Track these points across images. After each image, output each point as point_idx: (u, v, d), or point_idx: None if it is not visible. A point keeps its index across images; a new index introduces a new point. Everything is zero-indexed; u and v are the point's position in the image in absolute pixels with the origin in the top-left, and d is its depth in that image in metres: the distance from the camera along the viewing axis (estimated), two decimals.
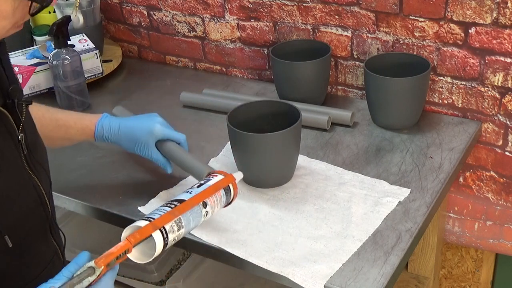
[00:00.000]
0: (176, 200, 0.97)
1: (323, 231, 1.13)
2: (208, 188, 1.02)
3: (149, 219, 0.90)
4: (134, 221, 1.20)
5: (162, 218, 0.91)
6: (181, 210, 0.95)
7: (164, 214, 0.92)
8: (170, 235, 0.91)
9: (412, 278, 1.65)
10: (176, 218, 0.93)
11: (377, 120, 1.45)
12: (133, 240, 0.85)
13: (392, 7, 1.43)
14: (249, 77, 1.75)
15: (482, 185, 1.50)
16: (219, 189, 1.04)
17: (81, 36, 1.74)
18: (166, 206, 0.95)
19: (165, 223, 0.91)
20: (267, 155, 1.21)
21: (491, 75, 1.38)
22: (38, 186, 0.94)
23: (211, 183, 1.04)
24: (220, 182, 1.05)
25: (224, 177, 1.06)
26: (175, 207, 0.94)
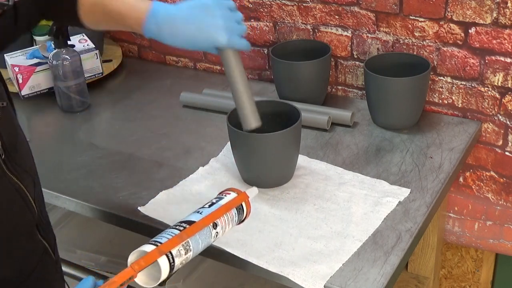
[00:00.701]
0: (185, 221, 0.94)
1: (323, 231, 1.13)
2: (219, 208, 0.98)
3: (155, 243, 0.88)
4: (134, 221, 1.21)
5: (169, 243, 0.88)
6: (189, 233, 0.91)
7: (172, 238, 0.89)
8: (177, 259, 0.89)
9: (412, 278, 1.65)
10: (183, 241, 0.90)
11: (377, 120, 1.45)
12: (137, 268, 0.84)
13: (392, 7, 1.43)
14: (249, 77, 1.75)
15: (482, 185, 1.50)
16: (231, 209, 1.00)
17: (81, 36, 1.74)
18: (174, 229, 0.92)
19: (171, 248, 0.88)
20: (267, 155, 1.21)
21: (491, 75, 1.38)
22: (21, 189, 0.91)
23: (222, 203, 1.00)
24: (232, 202, 1.01)
25: (237, 196, 1.02)
26: (183, 230, 0.91)
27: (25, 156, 0.97)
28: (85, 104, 1.64)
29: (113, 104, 1.69)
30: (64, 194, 1.31)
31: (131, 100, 1.69)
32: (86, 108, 1.64)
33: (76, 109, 1.62)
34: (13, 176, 0.90)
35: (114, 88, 1.77)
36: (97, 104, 1.67)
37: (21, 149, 0.96)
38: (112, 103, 1.69)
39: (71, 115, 1.62)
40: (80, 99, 1.62)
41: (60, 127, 1.61)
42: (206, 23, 1.04)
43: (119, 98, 1.71)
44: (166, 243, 0.88)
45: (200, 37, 1.04)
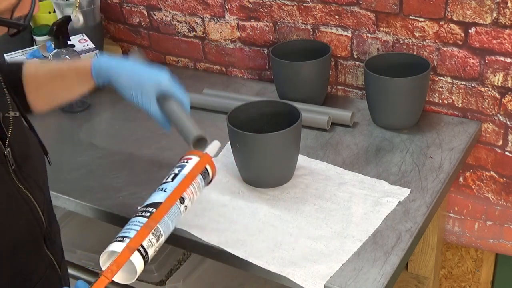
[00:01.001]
0: (150, 204, 0.89)
1: (323, 231, 1.13)
2: (183, 180, 0.93)
3: (124, 239, 0.83)
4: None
5: (137, 236, 0.84)
6: (157, 219, 0.87)
7: (140, 230, 0.84)
8: (150, 250, 0.85)
9: (412, 278, 1.65)
10: (153, 229, 0.86)
11: (377, 120, 1.45)
12: (110, 276, 0.80)
13: (392, 7, 1.43)
14: (249, 77, 1.75)
15: (482, 185, 1.50)
16: (195, 176, 0.94)
17: (81, 36, 1.74)
18: (140, 216, 0.87)
19: (141, 241, 0.84)
20: (267, 155, 1.21)
21: (491, 75, 1.38)
22: (30, 200, 0.90)
23: (186, 172, 0.94)
24: (195, 168, 0.95)
25: (199, 160, 0.96)
26: (150, 217, 0.86)
27: (37, 167, 0.96)
28: (85, 104, 1.64)
29: (113, 104, 1.68)
30: (64, 194, 1.31)
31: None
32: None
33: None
34: (23, 186, 0.89)
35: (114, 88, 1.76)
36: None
37: (33, 160, 0.94)
38: (112, 103, 1.69)
39: (71, 115, 1.62)
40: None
41: (60, 127, 1.61)
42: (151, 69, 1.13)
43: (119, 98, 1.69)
44: (135, 238, 0.83)
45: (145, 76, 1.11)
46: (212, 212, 1.20)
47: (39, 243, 0.94)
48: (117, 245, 0.83)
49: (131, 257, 0.82)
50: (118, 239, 0.84)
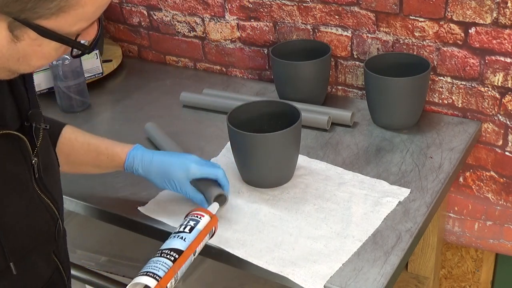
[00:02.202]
0: (173, 250, 0.98)
1: (323, 231, 1.13)
2: (198, 236, 1.02)
3: (155, 276, 0.92)
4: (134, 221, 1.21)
5: (166, 277, 0.94)
6: (180, 265, 0.97)
7: (168, 272, 0.94)
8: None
9: (412, 278, 1.65)
10: (175, 274, 0.96)
11: (377, 120, 1.45)
12: None
13: (392, 7, 1.43)
14: (249, 77, 1.75)
15: (482, 185, 1.50)
16: (206, 234, 1.04)
17: None
18: (166, 258, 0.96)
19: (168, 282, 0.94)
20: (267, 155, 1.21)
21: (491, 75, 1.38)
22: (50, 207, 0.94)
23: (200, 228, 1.03)
24: (207, 227, 1.05)
25: (210, 220, 1.05)
26: (175, 262, 0.96)
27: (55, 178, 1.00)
28: (85, 104, 1.64)
29: (113, 104, 1.69)
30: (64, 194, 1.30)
31: (131, 100, 1.69)
32: (86, 108, 1.64)
33: (76, 109, 1.62)
34: (44, 195, 0.92)
35: (114, 88, 1.77)
36: (97, 104, 1.67)
37: (52, 170, 0.98)
38: (112, 103, 1.69)
39: (71, 115, 1.61)
40: (80, 99, 1.62)
41: None
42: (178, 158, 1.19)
43: (119, 98, 1.71)
44: (164, 278, 0.93)
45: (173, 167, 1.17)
46: None
47: (50, 249, 0.97)
48: (150, 281, 0.92)
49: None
50: (149, 274, 0.93)
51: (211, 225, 1.05)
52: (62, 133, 1.17)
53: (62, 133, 1.17)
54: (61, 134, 1.17)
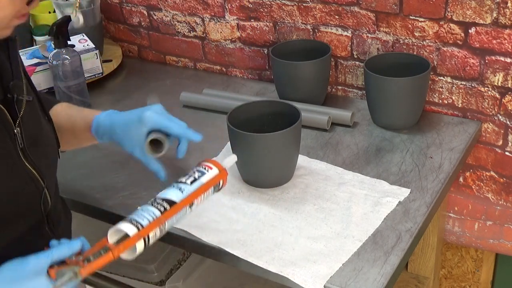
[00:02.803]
0: (166, 200, 0.95)
1: (323, 231, 1.13)
2: (200, 188, 0.99)
3: (137, 224, 0.90)
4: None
5: (149, 227, 0.90)
6: (167, 216, 0.93)
7: (153, 222, 0.91)
8: (152, 240, 0.92)
9: (412, 278, 1.65)
10: (161, 224, 0.93)
11: (377, 120, 1.45)
12: (117, 254, 0.87)
13: (392, 7, 1.43)
14: (249, 77, 1.75)
15: (482, 185, 1.50)
16: (209, 188, 1.01)
17: (81, 36, 1.74)
18: (155, 208, 0.93)
19: (150, 232, 0.91)
20: (267, 155, 1.21)
21: (491, 75, 1.38)
22: (35, 177, 0.95)
23: (204, 181, 1.00)
24: (212, 180, 1.01)
25: (218, 173, 1.02)
26: (163, 213, 0.93)
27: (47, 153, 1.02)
28: (85, 104, 1.64)
29: (113, 104, 1.68)
30: (64, 194, 1.30)
31: (131, 100, 1.69)
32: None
33: None
34: (30, 166, 0.94)
35: (114, 88, 1.77)
36: (97, 104, 1.67)
37: (44, 145, 1.00)
38: (112, 103, 1.69)
39: None
40: (80, 99, 1.62)
41: None
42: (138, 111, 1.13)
43: (119, 98, 1.71)
44: (147, 228, 0.90)
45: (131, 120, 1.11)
46: (212, 212, 1.20)
47: (41, 222, 0.99)
48: (130, 228, 0.89)
49: (137, 243, 0.90)
50: (132, 222, 0.91)
51: (217, 178, 1.02)
52: (53, 108, 1.18)
53: (53, 108, 1.18)
54: (52, 109, 1.17)
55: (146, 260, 1.69)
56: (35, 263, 0.84)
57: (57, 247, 0.87)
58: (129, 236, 0.88)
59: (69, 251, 0.87)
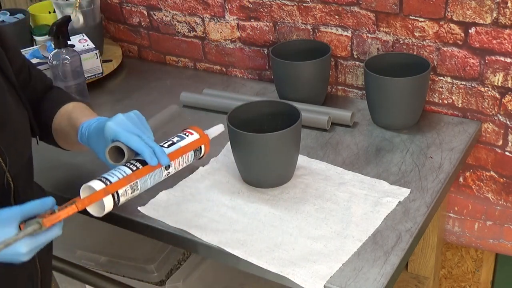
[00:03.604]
0: (140, 160, 0.95)
1: (323, 231, 1.13)
2: (176, 151, 0.99)
3: (105, 181, 0.92)
4: (134, 221, 1.21)
5: (117, 183, 0.92)
6: (138, 175, 0.94)
7: (121, 179, 0.92)
8: (122, 198, 0.93)
9: (412, 278, 1.65)
10: (132, 182, 0.93)
11: (377, 120, 1.45)
12: (80, 206, 0.89)
13: (392, 7, 1.43)
14: (249, 77, 1.75)
15: (482, 185, 1.50)
16: (188, 151, 1.00)
17: (81, 36, 1.74)
18: (127, 167, 0.95)
19: (118, 188, 0.92)
20: (267, 155, 1.21)
21: (491, 75, 1.38)
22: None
23: (182, 144, 1.00)
24: (191, 144, 1.01)
25: (198, 138, 1.02)
26: (134, 171, 0.94)
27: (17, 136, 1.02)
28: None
29: (113, 104, 1.69)
30: (64, 194, 1.31)
31: (131, 100, 1.69)
32: None
33: None
34: None
35: (114, 88, 1.77)
36: (97, 104, 1.67)
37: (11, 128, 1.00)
38: (112, 103, 1.69)
39: None
40: (80, 99, 1.61)
41: None
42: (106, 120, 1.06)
43: (119, 98, 1.71)
44: (114, 184, 0.92)
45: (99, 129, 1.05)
46: (212, 212, 1.20)
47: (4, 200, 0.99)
48: (98, 184, 0.92)
49: (104, 198, 0.91)
50: (101, 179, 0.93)
51: (198, 143, 1.01)
52: (62, 107, 1.17)
53: (62, 107, 1.17)
54: (60, 109, 1.17)
55: (146, 260, 1.70)
56: (7, 212, 0.85)
57: (30, 202, 0.87)
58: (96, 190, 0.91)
59: (41, 207, 0.88)
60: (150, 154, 0.96)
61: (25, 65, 1.16)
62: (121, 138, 0.99)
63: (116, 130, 0.99)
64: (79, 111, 1.16)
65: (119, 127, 1.00)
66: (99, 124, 1.05)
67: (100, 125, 1.04)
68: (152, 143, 0.98)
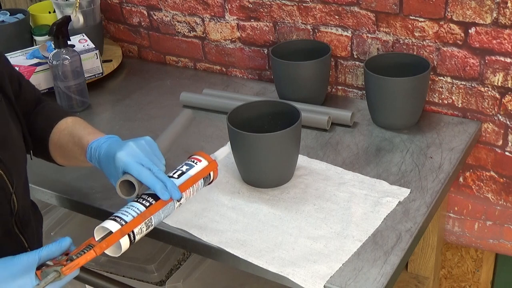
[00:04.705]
0: (151, 195, 0.94)
1: (323, 231, 1.13)
2: (187, 181, 0.98)
3: (120, 221, 0.90)
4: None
5: (132, 223, 0.90)
6: (152, 211, 0.93)
7: (136, 217, 0.91)
8: (138, 236, 0.92)
9: (412, 278, 1.65)
10: (146, 219, 0.92)
11: (377, 120, 1.45)
12: (99, 251, 0.88)
13: (392, 7, 1.43)
14: (249, 77, 1.75)
15: (482, 185, 1.50)
16: (198, 180, 1.00)
17: (81, 36, 1.74)
18: (140, 203, 0.93)
19: (134, 227, 0.90)
20: (267, 155, 1.21)
21: (491, 75, 1.38)
22: (4, 180, 0.94)
23: (192, 173, 0.99)
24: (201, 172, 1.00)
25: (207, 165, 1.01)
26: (148, 208, 0.92)
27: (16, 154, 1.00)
28: (85, 104, 1.64)
29: (113, 104, 1.69)
30: (64, 194, 1.31)
31: (131, 100, 1.69)
32: (86, 108, 1.64)
33: (76, 109, 1.62)
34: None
35: (114, 88, 1.77)
36: (97, 104, 1.67)
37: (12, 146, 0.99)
38: (112, 103, 1.69)
39: None
40: (80, 99, 1.62)
41: None
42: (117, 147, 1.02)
43: (119, 98, 1.71)
44: (129, 224, 0.90)
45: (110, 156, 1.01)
46: (212, 212, 1.20)
47: (7, 220, 0.98)
48: (113, 225, 0.90)
49: (121, 239, 0.90)
50: (115, 218, 0.91)
51: (207, 170, 1.00)
52: (59, 122, 1.14)
53: (59, 122, 1.14)
54: (57, 124, 1.14)
55: (146, 260, 1.69)
56: (25, 260, 0.84)
57: (47, 246, 0.86)
58: (112, 232, 0.89)
59: (57, 249, 0.87)
60: (162, 189, 0.94)
61: (14, 75, 1.11)
62: (131, 171, 0.96)
63: (127, 162, 0.97)
64: (82, 128, 1.12)
65: (129, 158, 0.97)
66: (110, 149, 1.01)
67: (111, 152, 1.00)
68: (163, 176, 0.96)
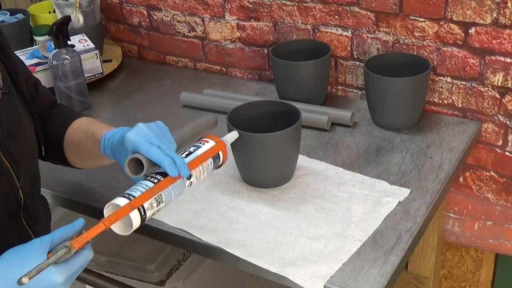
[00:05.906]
0: (160, 173, 0.94)
1: (323, 231, 1.13)
2: (195, 159, 0.98)
3: (129, 196, 0.89)
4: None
5: (141, 197, 0.90)
6: (161, 187, 0.92)
7: (144, 192, 0.90)
8: (149, 212, 0.91)
9: (412, 278, 1.65)
10: (156, 195, 0.91)
11: (377, 120, 1.45)
12: (108, 224, 0.87)
13: (392, 7, 1.43)
14: (249, 77, 1.75)
15: (482, 185, 1.50)
16: (207, 159, 1.00)
17: (81, 36, 1.74)
18: (149, 181, 0.93)
19: (143, 202, 0.90)
20: (267, 155, 1.21)
21: (491, 75, 1.38)
22: (9, 172, 0.95)
23: (199, 152, 0.99)
24: (209, 151, 1.00)
25: (214, 145, 1.01)
26: (156, 183, 0.92)
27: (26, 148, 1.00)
28: (85, 104, 1.64)
29: (113, 104, 1.69)
30: (64, 194, 1.31)
31: (131, 100, 1.69)
32: (86, 108, 1.64)
33: (76, 109, 1.62)
34: (5, 158, 0.94)
35: (114, 88, 1.77)
36: (97, 104, 1.67)
37: (22, 140, 0.99)
38: (112, 103, 1.69)
39: None
40: (80, 99, 1.62)
41: None
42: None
43: (119, 98, 1.71)
44: (138, 198, 0.89)
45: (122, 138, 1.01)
46: (212, 212, 1.20)
47: (16, 216, 0.98)
48: (122, 200, 0.89)
49: (131, 213, 0.89)
50: (124, 195, 0.90)
51: (215, 149, 1.01)
52: (73, 122, 1.15)
53: (74, 122, 1.15)
54: (72, 124, 1.15)
55: (146, 260, 1.70)
56: (38, 243, 0.85)
57: (60, 229, 0.87)
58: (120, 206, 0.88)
59: (71, 230, 0.87)
60: (170, 165, 0.93)
61: (31, 78, 1.15)
62: (140, 149, 0.95)
63: (136, 140, 0.96)
64: (96, 124, 1.13)
65: (138, 137, 0.96)
66: (122, 134, 1.01)
67: (123, 136, 0.99)
68: (172, 153, 0.95)
